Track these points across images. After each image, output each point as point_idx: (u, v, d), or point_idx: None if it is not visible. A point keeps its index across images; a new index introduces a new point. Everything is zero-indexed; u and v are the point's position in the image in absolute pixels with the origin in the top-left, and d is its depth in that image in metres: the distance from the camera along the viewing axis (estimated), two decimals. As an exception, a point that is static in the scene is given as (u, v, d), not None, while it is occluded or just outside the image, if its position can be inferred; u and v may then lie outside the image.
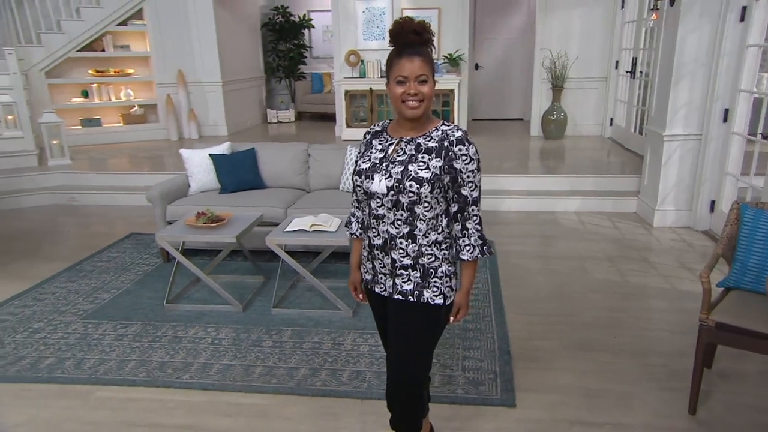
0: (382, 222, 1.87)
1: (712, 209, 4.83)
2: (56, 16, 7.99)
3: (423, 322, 1.93)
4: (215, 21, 8.44)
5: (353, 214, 2.11)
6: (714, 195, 4.79)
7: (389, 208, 1.84)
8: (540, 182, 5.87)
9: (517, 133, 8.66)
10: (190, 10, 8.38)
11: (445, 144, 1.81)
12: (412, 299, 1.90)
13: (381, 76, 8.22)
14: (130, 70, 8.58)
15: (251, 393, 2.76)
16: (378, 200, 1.84)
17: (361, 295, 2.17)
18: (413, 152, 1.83)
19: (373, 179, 1.84)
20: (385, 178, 1.81)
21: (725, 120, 4.58)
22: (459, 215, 1.86)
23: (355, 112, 8.37)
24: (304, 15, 10.80)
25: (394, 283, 1.92)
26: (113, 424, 2.58)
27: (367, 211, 1.91)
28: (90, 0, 8.13)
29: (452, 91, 7.92)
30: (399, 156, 1.84)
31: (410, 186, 1.78)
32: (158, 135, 8.64)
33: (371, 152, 1.91)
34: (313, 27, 10.92)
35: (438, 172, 1.79)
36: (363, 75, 8.27)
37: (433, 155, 1.81)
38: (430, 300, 1.89)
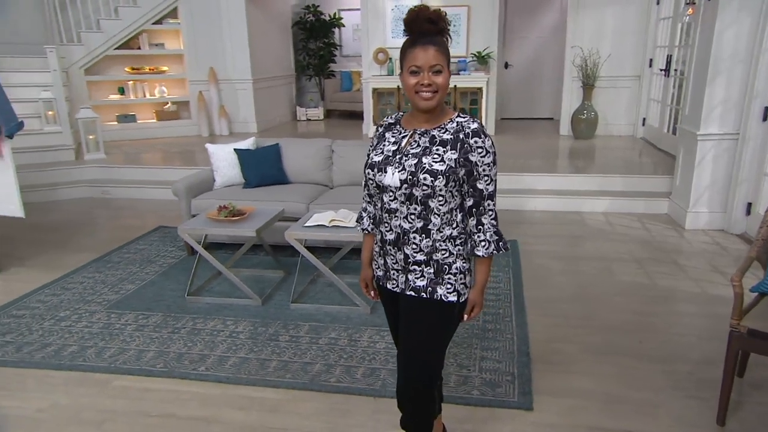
0: (395, 216, 1.80)
1: (748, 212, 4.61)
2: (96, 16, 8.15)
3: (435, 320, 1.86)
4: (247, 20, 8.49)
5: (364, 209, 2.03)
6: (751, 197, 4.56)
7: (402, 202, 1.77)
8: (567, 182, 5.71)
9: (547, 132, 8.47)
10: (222, 9, 8.45)
11: (461, 136, 1.74)
12: (424, 296, 1.82)
13: (409, 74, 8.15)
14: (165, 68, 8.71)
15: (265, 387, 2.73)
16: (391, 194, 1.77)
17: (372, 292, 2.11)
18: (427, 144, 1.76)
19: (385, 172, 1.77)
20: (398, 171, 1.74)
21: (765, 119, 4.35)
22: (474, 210, 1.79)
23: (383, 110, 8.31)
24: (335, 14, 10.80)
25: (407, 279, 1.84)
26: (129, 414, 2.58)
27: (379, 205, 1.85)
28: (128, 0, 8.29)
29: (480, 89, 7.81)
30: (413, 148, 1.77)
31: (424, 179, 1.71)
32: (190, 131, 8.74)
33: (384, 145, 1.84)
34: (344, 26, 10.91)
35: (453, 165, 1.71)
36: (391, 73, 8.21)
37: (448, 147, 1.73)
38: (443, 297, 1.82)
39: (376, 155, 1.83)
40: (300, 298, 3.60)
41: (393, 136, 1.84)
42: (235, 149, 4.57)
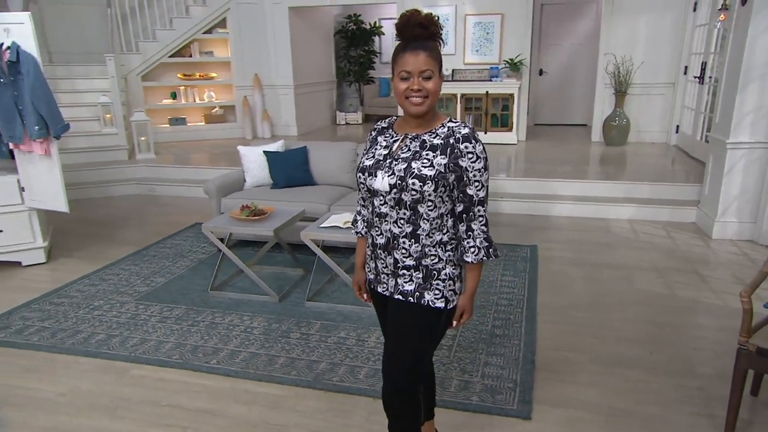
0: (385, 221, 1.72)
1: (779, 222, 4.28)
2: (153, 27, 8.38)
3: (421, 325, 1.77)
4: (290, 30, 8.56)
5: (359, 213, 1.95)
6: (782, 207, 4.23)
7: (392, 207, 1.69)
8: (593, 188, 5.45)
9: (579, 138, 8.16)
10: (267, 20, 8.55)
11: (451, 141, 1.65)
12: (412, 300, 1.74)
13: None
14: (213, 74, 8.86)
15: (270, 383, 2.68)
16: (381, 198, 1.70)
17: (365, 295, 2.02)
18: (418, 149, 1.67)
19: (375, 176, 1.69)
20: (388, 176, 1.66)
21: (798, 128, 4.03)
22: (464, 215, 1.70)
23: (417, 116, 8.19)
24: (375, 22, 10.76)
25: (396, 283, 1.76)
26: (141, 402, 2.58)
27: (370, 209, 1.77)
28: (181, 11, 8.48)
29: (512, 95, 7.59)
30: (403, 153, 1.69)
31: (413, 184, 1.62)
32: (235, 134, 8.86)
33: (376, 149, 1.77)
34: (383, 34, 10.85)
35: (442, 170, 1.63)
36: (425, 79, 8.08)
37: (438, 152, 1.65)
38: (430, 303, 1.73)
39: (367, 159, 1.76)
40: (316, 297, 3.55)
41: (385, 140, 1.77)
42: (264, 151, 4.57)
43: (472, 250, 1.71)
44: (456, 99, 7.88)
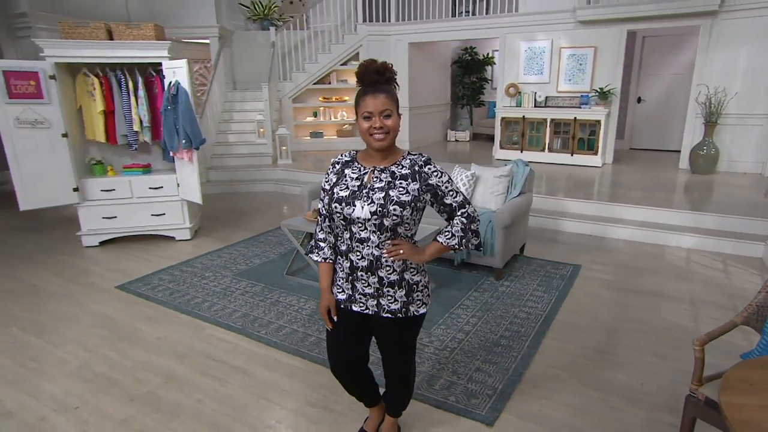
0: (367, 245, 1.71)
1: None
2: (303, 61, 9.12)
3: (411, 332, 1.86)
4: (408, 61, 8.72)
5: (323, 240, 1.84)
6: None
7: (373, 232, 1.68)
8: (658, 215, 4.78)
9: (667, 164, 7.15)
10: (391, 53, 8.79)
11: (416, 168, 1.69)
12: (400, 316, 1.79)
13: (535, 106, 7.57)
14: (346, 98, 9.34)
15: (296, 356, 2.83)
16: (360, 225, 1.69)
17: (335, 318, 1.86)
18: (389, 179, 1.69)
19: (354, 206, 1.68)
20: (368, 204, 1.67)
21: None
22: (449, 219, 1.78)
23: (509, 137, 7.86)
24: (488, 54, 10.46)
25: (379, 303, 1.77)
26: (200, 354, 2.89)
27: (348, 235, 1.73)
28: (326, 48, 9.09)
29: (599, 121, 6.92)
30: (376, 183, 1.69)
31: (394, 210, 1.65)
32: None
33: (347, 180, 1.74)
34: (495, 63, 10.51)
35: (416, 194, 1.66)
36: (519, 104, 7.71)
37: (409, 180, 1.68)
38: (415, 313, 1.80)
39: (341, 190, 1.72)
40: (360, 289, 3.64)
41: (354, 173, 1.75)
42: (349, 166, 4.76)
43: (446, 234, 1.75)
44: (546, 123, 7.40)
